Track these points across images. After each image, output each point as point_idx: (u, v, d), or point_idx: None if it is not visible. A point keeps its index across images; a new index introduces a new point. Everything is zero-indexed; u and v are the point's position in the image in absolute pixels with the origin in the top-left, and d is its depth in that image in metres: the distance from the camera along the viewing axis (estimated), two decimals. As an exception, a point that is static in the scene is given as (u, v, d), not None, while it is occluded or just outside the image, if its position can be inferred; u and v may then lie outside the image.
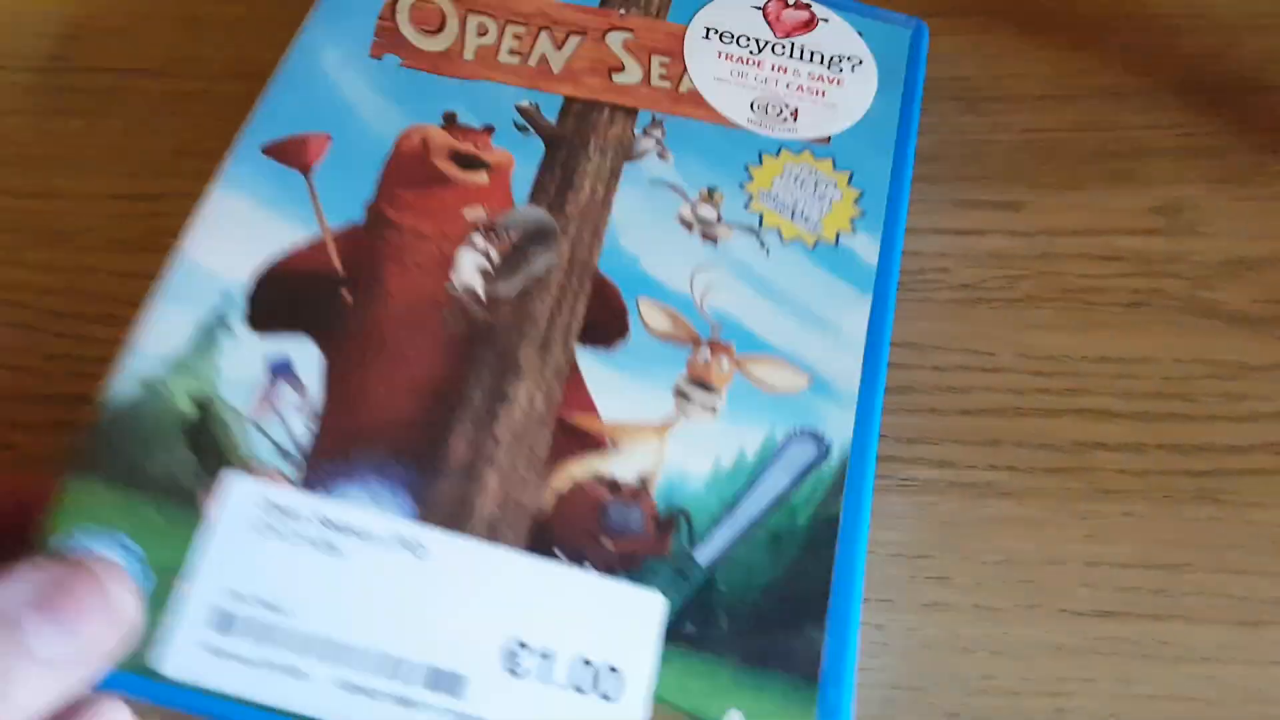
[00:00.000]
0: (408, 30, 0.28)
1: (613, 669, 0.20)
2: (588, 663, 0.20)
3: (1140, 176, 0.28)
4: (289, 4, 0.27)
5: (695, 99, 0.28)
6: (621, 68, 0.28)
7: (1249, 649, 0.24)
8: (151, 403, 0.21)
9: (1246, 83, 0.29)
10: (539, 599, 0.20)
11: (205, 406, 0.21)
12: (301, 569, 0.20)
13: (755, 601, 0.21)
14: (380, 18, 0.28)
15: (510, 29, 0.29)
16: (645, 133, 0.27)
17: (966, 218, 0.30)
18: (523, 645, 0.20)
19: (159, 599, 0.19)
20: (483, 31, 0.28)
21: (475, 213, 0.25)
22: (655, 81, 0.28)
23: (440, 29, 0.28)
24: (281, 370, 0.22)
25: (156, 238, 0.26)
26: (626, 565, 0.21)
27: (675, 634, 0.21)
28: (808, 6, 0.31)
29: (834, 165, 0.28)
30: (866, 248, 0.26)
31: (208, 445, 0.21)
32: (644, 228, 0.26)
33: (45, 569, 0.17)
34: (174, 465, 0.20)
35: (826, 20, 0.30)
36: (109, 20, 0.29)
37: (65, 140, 0.28)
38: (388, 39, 0.27)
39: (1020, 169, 0.28)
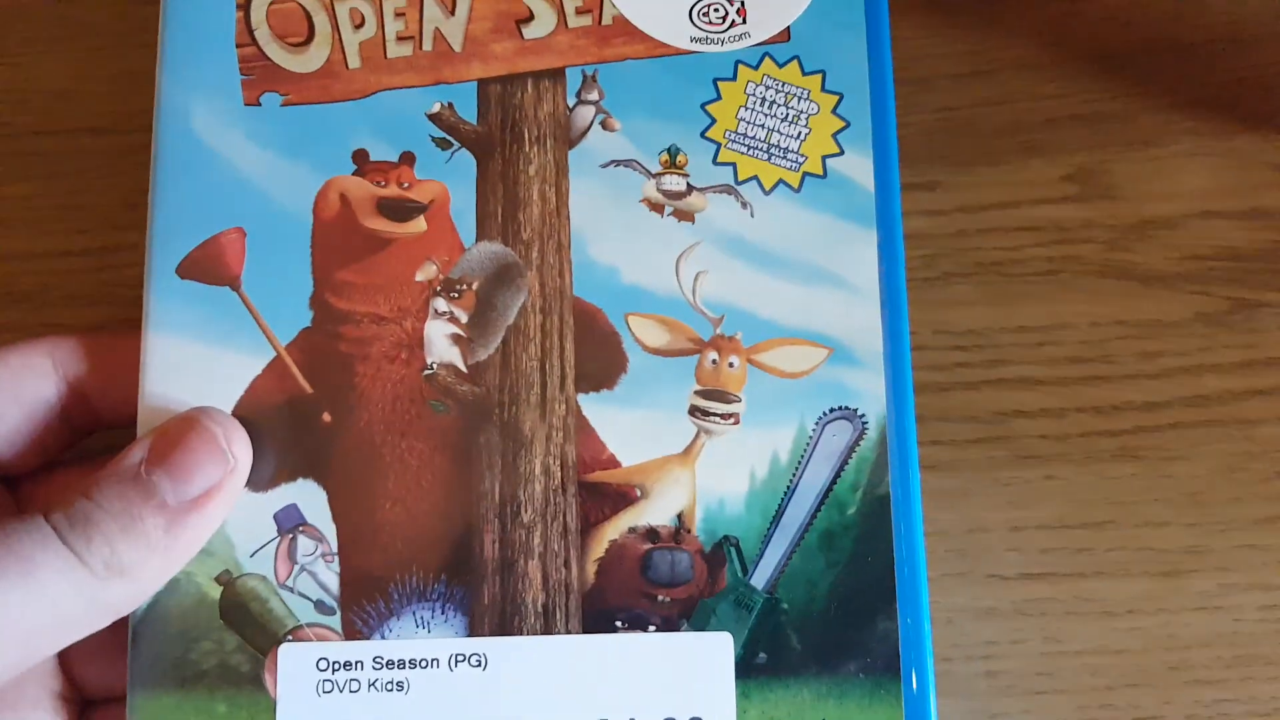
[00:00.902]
0: (274, 50, 0.25)
1: (697, 720, 0.22)
2: (673, 722, 0.22)
3: (1053, 146, 0.30)
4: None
5: (624, 29, 0.26)
6: (530, 15, 0.26)
7: (1168, 598, 0.28)
8: (179, 598, 0.22)
9: (1151, 44, 0.31)
10: (609, 675, 0.22)
11: (230, 585, 0.22)
12: (373, 715, 0.22)
13: (822, 610, 0.23)
14: (239, 43, 0.25)
15: (389, 5, 0.26)
16: (580, 99, 0.25)
17: None
18: (607, 724, 0.22)
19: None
20: (358, 21, 0.26)
21: (427, 271, 0.24)
22: (573, 20, 0.26)
23: (310, 36, 0.25)
24: (290, 521, 0.23)
25: (111, 289, 0.30)
26: (685, 612, 0.23)
27: (748, 667, 0.22)
28: None
29: (801, 69, 0.26)
30: (859, 169, 0.25)
31: (247, 623, 0.22)
32: (610, 228, 0.25)
33: (160, 427, 0.22)
34: (222, 654, 0.22)
35: None
36: (51, 83, 0.31)
37: (16, 204, 0.31)
38: (257, 72, 0.25)
39: (935, 149, 0.30)
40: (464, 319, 0.24)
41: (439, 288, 0.24)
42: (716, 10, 0.26)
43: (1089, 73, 0.30)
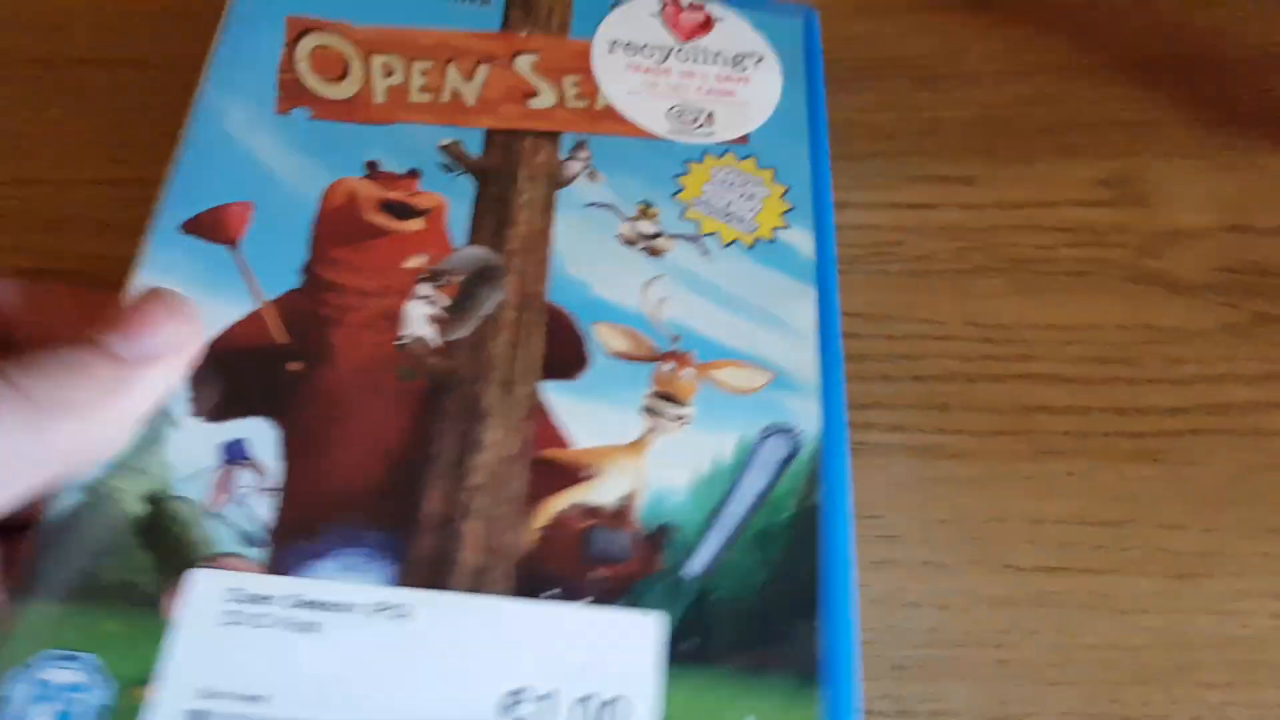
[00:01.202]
0: (311, 80, 0.26)
1: (616, 698, 0.18)
2: (589, 698, 0.18)
3: (1089, 150, 0.29)
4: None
5: (613, 115, 0.27)
6: (536, 92, 0.27)
7: (1180, 599, 0.25)
8: (98, 509, 0.19)
9: (1190, 58, 0.30)
10: (532, 642, 0.19)
11: (158, 504, 0.19)
12: (278, 654, 0.18)
13: (750, 605, 0.20)
14: (280, 70, 0.26)
15: (416, 65, 0.27)
16: (572, 156, 0.26)
17: (921, 192, 0.30)
18: (520, 691, 0.18)
19: (128, 712, 0.17)
20: (389, 72, 0.26)
21: (417, 260, 0.23)
22: (571, 102, 0.27)
23: (344, 75, 0.26)
24: (235, 453, 0.20)
25: (139, 220, 0.26)
26: (619, 590, 0.20)
27: (676, 652, 0.19)
28: (701, 7, 0.29)
29: (756, 164, 0.27)
30: (802, 240, 0.26)
31: (165, 544, 0.19)
32: (587, 252, 0.24)
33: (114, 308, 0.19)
34: (130, 571, 0.18)
35: (722, 19, 0.29)
36: (95, 15, 0.29)
37: (51, 129, 0.28)
38: (292, 92, 0.25)
39: (973, 144, 0.29)
40: (444, 303, 0.23)
41: (425, 275, 0.23)
42: (689, 114, 0.28)
43: (1128, 81, 0.29)
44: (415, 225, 0.24)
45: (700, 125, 0.27)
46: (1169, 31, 0.30)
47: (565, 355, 0.23)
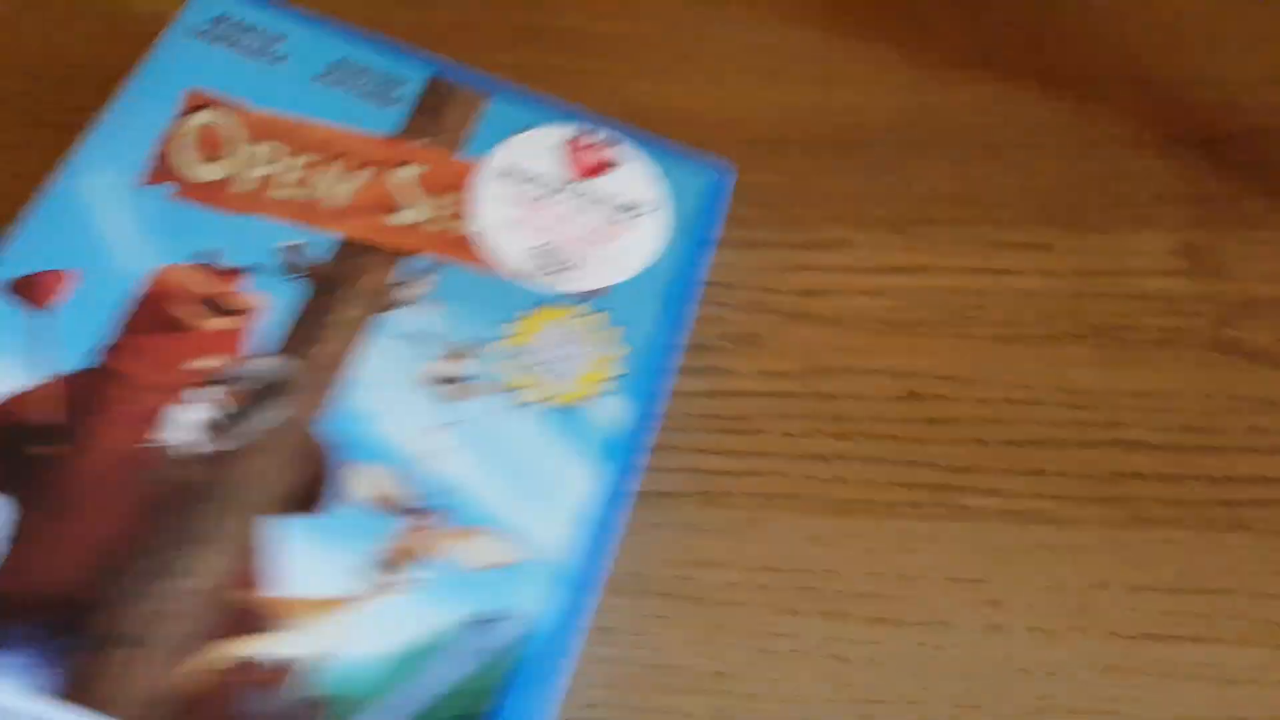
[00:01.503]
0: (187, 155, 0.27)
1: None
2: None
3: (1162, 221, 0.30)
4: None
5: (474, 244, 0.27)
6: (403, 207, 0.28)
7: None
8: None
9: (1258, 131, 0.30)
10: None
11: None
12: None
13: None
14: (161, 142, 0.27)
15: (297, 159, 0.28)
16: (412, 280, 0.26)
17: (1001, 258, 0.32)
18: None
19: None
20: (266, 161, 0.28)
21: (209, 363, 0.24)
22: (440, 223, 0.28)
23: (222, 155, 0.27)
24: (-40, 526, 0.21)
25: None
26: (260, 755, 0.20)
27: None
28: (610, 145, 0.29)
29: (603, 322, 0.27)
30: (615, 412, 0.25)
31: None
32: (383, 385, 0.25)
33: None
34: None
35: (626, 163, 0.29)
36: (92, 25, 0.32)
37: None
38: (163, 166, 0.27)
39: (1049, 212, 0.30)
40: (218, 413, 0.24)
41: (214, 379, 0.24)
42: (553, 258, 0.28)
43: (1196, 153, 0.30)
44: (223, 325, 0.25)
45: (560, 271, 0.28)
46: (1234, 107, 0.31)
47: (309, 493, 0.23)
